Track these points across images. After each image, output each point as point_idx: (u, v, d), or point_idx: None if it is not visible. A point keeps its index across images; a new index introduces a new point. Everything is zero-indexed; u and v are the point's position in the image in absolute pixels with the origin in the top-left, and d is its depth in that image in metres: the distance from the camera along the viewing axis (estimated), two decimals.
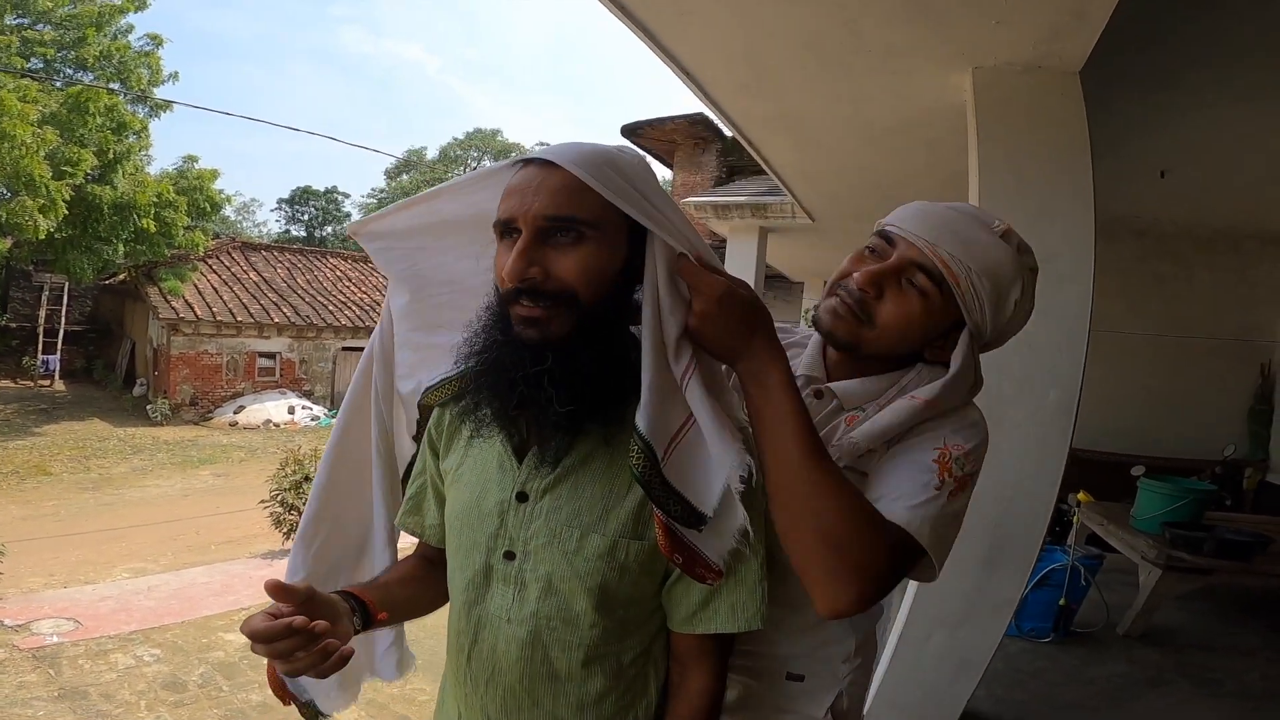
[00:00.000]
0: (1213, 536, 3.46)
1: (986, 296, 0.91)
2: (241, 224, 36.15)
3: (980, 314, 0.91)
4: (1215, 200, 4.49)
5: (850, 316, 0.94)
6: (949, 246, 0.90)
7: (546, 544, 0.84)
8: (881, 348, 0.95)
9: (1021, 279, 0.92)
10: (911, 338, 0.94)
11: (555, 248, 0.79)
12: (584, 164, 0.78)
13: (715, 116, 3.11)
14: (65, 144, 12.22)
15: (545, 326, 0.79)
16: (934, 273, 0.90)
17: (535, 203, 0.78)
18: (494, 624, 0.87)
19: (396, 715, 3.87)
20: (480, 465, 0.91)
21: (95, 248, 13.49)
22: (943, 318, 0.92)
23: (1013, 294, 0.92)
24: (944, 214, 0.94)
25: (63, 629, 4.82)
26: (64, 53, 14.03)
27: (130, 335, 17.10)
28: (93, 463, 11.47)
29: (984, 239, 0.91)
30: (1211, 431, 5.11)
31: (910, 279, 0.92)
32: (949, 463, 0.87)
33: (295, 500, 7.01)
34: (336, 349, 16.85)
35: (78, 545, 7.63)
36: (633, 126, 12.45)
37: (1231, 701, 3.08)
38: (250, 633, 0.76)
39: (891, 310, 0.92)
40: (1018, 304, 0.93)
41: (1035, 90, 2.12)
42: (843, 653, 1.09)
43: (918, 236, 0.92)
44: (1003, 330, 0.96)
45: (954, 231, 0.91)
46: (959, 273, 0.90)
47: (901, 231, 0.94)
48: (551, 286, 0.78)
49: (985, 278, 0.90)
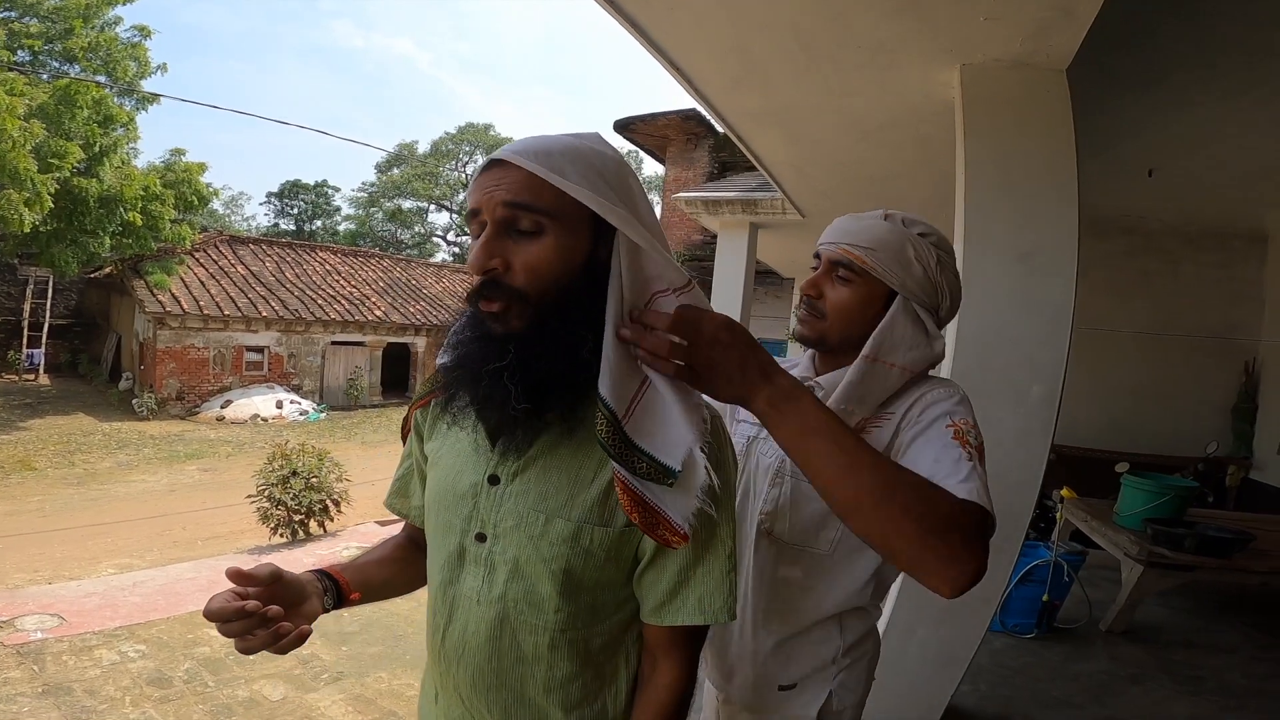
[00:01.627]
0: (1194, 533, 3.48)
1: (891, 262, 1.13)
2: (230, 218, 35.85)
3: (896, 277, 1.13)
4: (1202, 198, 4.53)
5: (809, 318, 1.19)
6: (848, 241, 1.15)
7: (514, 527, 0.86)
8: (838, 331, 1.17)
9: (908, 240, 1.14)
10: (856, 317, 1.15)
11: (517, 240, 0.80)
12: (550, 156, 0.80)
13: (705, 111, 3.11)
14: (52, 137, 12.07)
15: (505, 321, 0.81)
16: (848, 264, 1.15)
17: (498, 191, 0.80)
18: (466, 604, 0.89)
19: (384, 710, 3.86)
20: (457, 449, 0.93)
21: (81, 241, 13.34)
22: (873, 294, 1.14)
23: (908, 252, 1.13)
24: (843, 221, 1.20)
25: (47, 625, 4.77)
26: (51, 45, 13.86)
27: (116, 329, 16.94)
28: (78, 458, 11.37)
29: (868, 224, 1.16)
30: (1195, 428, 5.16)
31: (836, 275, 1.17)
32: (965, 436, 1.00)
33: (282, 495, 6.97)
34: (325, 343, 16.76)
35: (63, 541, 7.56)
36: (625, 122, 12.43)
37: (1212, 698, 3.11)
38: (207, 612, 0.80)
39: (832, 300, 1.17)
40: (917, 259, 1.13)
41: (1022, 87, 2.13)
42: (830, 654, 1.20)
43: (830, 244, 1.18)
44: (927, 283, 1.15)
45: (848, 230, 1.17)
46: (862, 255, 1.13)
47: (822, 246, 1.20)
48: (508, 280, 0.80)
49: (879, 250, 1.13)
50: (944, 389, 1.10)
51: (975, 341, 2.09)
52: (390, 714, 3.81)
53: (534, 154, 0.80)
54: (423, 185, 31.57)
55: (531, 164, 0.79)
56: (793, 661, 1.21)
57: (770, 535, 1.20)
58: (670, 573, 0.86)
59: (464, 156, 32.73)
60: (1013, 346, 2.06)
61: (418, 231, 33.98)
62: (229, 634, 0.80)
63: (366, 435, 14.64)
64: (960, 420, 1.02)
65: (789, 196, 4.76)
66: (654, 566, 0.87)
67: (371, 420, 16.11)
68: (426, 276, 21.42)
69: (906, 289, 1.13)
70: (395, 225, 33.41)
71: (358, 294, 18.20)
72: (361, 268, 19.97)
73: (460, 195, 32.67)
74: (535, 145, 0.81)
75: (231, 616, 0.78)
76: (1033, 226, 2.06)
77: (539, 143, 0.82)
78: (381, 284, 19.42)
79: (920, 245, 1.14)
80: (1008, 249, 2.07)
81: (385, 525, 7.50)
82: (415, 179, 31.67)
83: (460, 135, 32.62)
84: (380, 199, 32.99)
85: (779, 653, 1.21)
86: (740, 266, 5.70)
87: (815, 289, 1.18)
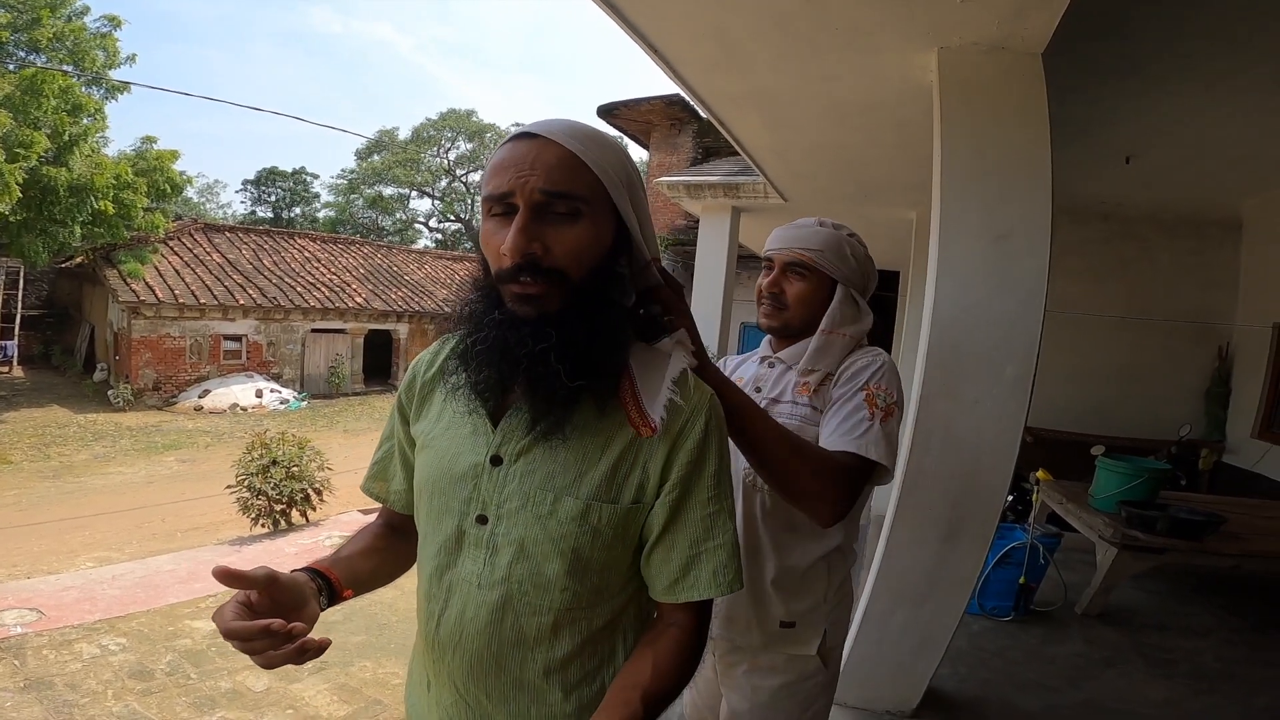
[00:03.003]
0: (1166, 515, 3.51)
1: (833, 259, 1.42)
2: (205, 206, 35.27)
3: (838, 271, 1.42)
4: (1179, 185, 4.58)
5: (775, 310, 1.46)
6: (799, 245, 1.43)
7: (520, 507, 0.85)
8: (799, 317, 1.44)
9: (844, 241, 1.43)
10: (812, 304, 1.43)
11: (552, 224, 0.80)
12: (579, 140, 0.82)
13: (686, 94, 3.08)
14: (18, 126, 11.82)
15: (541, 303, 0.81)
16: (800, 264, 1.43)
17: (532, 177, 0.79)
18: (465, 589, 0.87)
19: (369, 699, 3.85)
20: (453, 430, 0.91)
21: (51, 230, 13.07)
22: (819, 284, 1.42)
23: (844, 250, 1.42)
24: (789, 229, 1.46)
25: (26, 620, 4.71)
26: (17, 35, 13.52)
27: (89, 319, 16.64)
28: (53, 450, 11.18)
29: (811, 230, 1.43)
30: (1169, 412, 5.24)
31: (792, 273, 1.44)
32: (874, 399, 1.28)
33: (263, 485, 6.90)
34: (305, 330, 16.57)
35: (40, 535, 7.45)
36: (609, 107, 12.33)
37: (1185, 682, 3.16)
38: (225, 630, 0.77)
39: (792, 293, 1.44)
40: (853, 255, 1.43)
41: (998, 71, 2.13)
42: (822, 592, 1.41)
43: (781, 249, 1.45)
44: (859, 272, 1.45)
45: (796, 237, 1.44)
46: (812, 256, 1.41)
47: (773, 251, 1.47)
48: (549, 263, 0.80)
49: (826, 251, 1.42)
50: (869, 357, 1.37)
51: (950, 322, 2.10)
52: (375, 702, 3.81)
53: (573, 136, 0.82)
54: (404, 171, 31.18)
55: (575, 144, 0.81)
56: (791, 599, 1.40)
57: (756, 488, 1.39)
58: (681, 549, 0.86)
59: (445, 143, 32.34)
60: (987, 327, 2.07)
61: (399, 218, 33.61)
62: (249, 651, 0.77)
63: (349, 423, 14.53)
64: (874, 384, 1.30)
65: (770, 180, 4.75)
66: (662, 544, 0.87)
67: (354, 408, 15.98)
68: (409, 263, 21.22)
69: (844, 278, 1.43)
70: (376, 212, 33.00)
71: (338, 281, 17.99)
72: (341, 254, 19.73)
73: (443, 182, 32.31)
74: (571, 128, 0.83)
75: (253, 635, 0.76)
76: (1008, 209, 2.07)
77: (573, 126, 0.84)
78: (362, 270, 19.21)
79: (851, 244, 1.44)
80: (983, 231, 2.08)
81: (368, 514, 7.45)
82: (396, 165, 31.25)
83: (442, 121, 32.20)
84: (361, 186, 32.53)
85: (777, 591, 1.39)
86: (723, 250, 5.69)
87: (778, 286, 1.45)
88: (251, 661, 0.79)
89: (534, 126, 0.82)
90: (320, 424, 13.99)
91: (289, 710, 3.68)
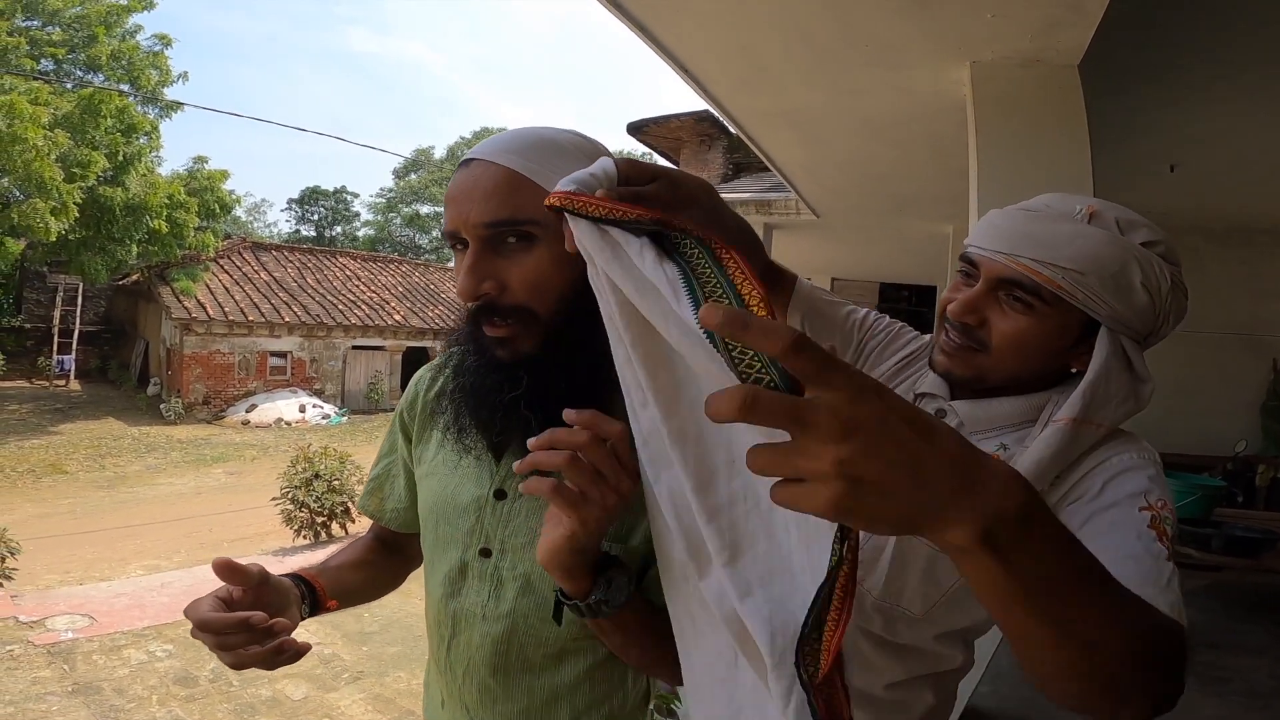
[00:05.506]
0: (1221, 533, 3.42)
1: (1101, 288, 0.80)
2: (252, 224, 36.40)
3: (1108, 306, 0.81)
4: (1227, 194, 4.45)
5: (962, 350, 0.87)
6: (1029, 253, 0.82)
7: (527, 543, 0.81)
8: (1005, 371, 0.86)
9: (1134, 258, 0.81)
10: (1032, 354, 0.85)
11: (506, 256, 0.72)
12: (522, 154, 0.72)
13: (715, 112, 3.11)
14: (77, 146, 12.35)
15: (513, 346, 0.75)
16: (1026, 284, 0.82)
17: (473, 210, 0.71)
18: (469, 619, 0.86)
19: (402, 709, 3.90)
20: (452, 460, 0.89)
21: (108, 249, 13.64)
22: (1062, 323, 0.83)
23: (1131, 276, 0.80)
24: (1016, 219, 0.86)
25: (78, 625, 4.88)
26: (74, 54, 14.17)
27: (144, 335, 17.28)
28: (108, 461, 11.61)
29: (1065, 231, 0.82)
30: (1223, 427, 5.06)
31: (1007, 294, 0.84)
32: (1162, 524, 0.74)
33: (305, 498, 7.08)
34: (346, 347, 16.97)
35: (93, 542, 7.73)
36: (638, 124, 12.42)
37: (1238, 700, 3.05)
38: (199, 621, 0.72)
39: (1000, 330, 0.85)
40: (1145, 284, 0.81)
41: (1034, 83, 2.11)
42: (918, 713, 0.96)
43: (995, 252, 0.85)
44: (1150, 314, 0.84)
45: (1028, 235, 0.83)
46: (1052, 275, 0.80)
47: (979, 250, 0.87)
48: (508, 300, 0.73)
49: (1086, 271, 0.80)
50: (1134, 452, 0.82)
51: None
52: (409, 713, 3.85)
53: (515, 151, 0.72)
54: (439, 190, 31.85)
55: (516, 161, 0.71)
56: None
57: None
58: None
59: None
60: None
61: (435, 236, 34.27)
62: (221, 647, 0.72)
63: None
64: (1156, 501, 0.75)
65: (802, 196, 4.74)
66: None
67: None
68: (444, 281, 21.59)
69: (1118, 319, 0.82)
70: (413, 230, 33.75)
71: (377, 299, 18.40)
72: (381, 272, 20.19)
73: None
74: (514, 141, 0.74)
75: (230, 629, 0.71)
76: None
77: (517, 138, 0.75)
78: (400, 289, 19.62)
79: (1149, 265, 0.82)
80: None
81: None
82: (432, 184, 31.96)
83: (476, 139, 32.83)
84: (398, 204, 33.33)
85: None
86: None
87: (975, 313, 0.86)
88: (290, 671, 0.76)
89: (475, 149, 0.74)
90: (360, 438, 14.27)
91: (325, 719, 3.75)
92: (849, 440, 0.37)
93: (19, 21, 13.70)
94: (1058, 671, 0.51)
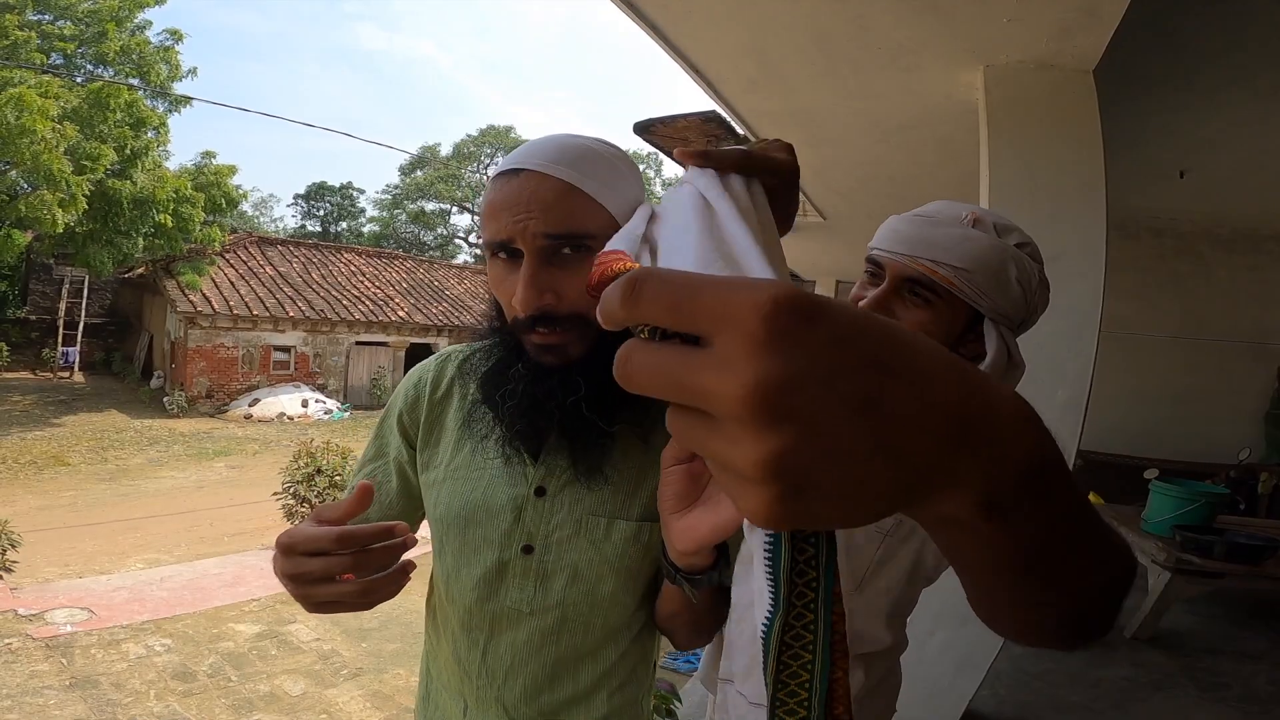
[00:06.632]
0: (1223, 540, 3.42)
1: (984, 284, 0.93)
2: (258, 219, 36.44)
3: (990, 300, 0.93)
4: (1235, 200, 4.44)
5: None
6: (927, 255, 0.94)
7: (573, 534, 0.84)
8: None
9: (1010, 258, 0.94)
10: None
11: (560, 266, 0.74)
12: (573, 166, 0.74)
13: (724, 112, 3.10)
14: (86, 139, 12.38)
15: (564, 351, 0.77)
16: (925, 281, 0.94)
17: (531, 220, 0.73)
18: (513, 617, 0.87)
19: (400, 706, 3.90)
20: (480, 462, 0.89)
21: (115, 242, 13.64)
22: (955, 316, 0.95)
23: (1009, 273, 0.93)
24: (914, 224, 0.98)
25: (77, 619, 4.88)
26: (84, 49, 14.19)
27: (148, 328, 17.30)
28: (110, 454, 11.62)
29: (955, 235, 0.94)
30: (1226, 435, 5.04)
31: (910, 292, 0.95)
32: None
33: (307, 493, 7.08)
34: (350, 343, 16.97)
35: (93, 535, 7.73)
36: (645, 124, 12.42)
37: (1237, 706, 3.05)
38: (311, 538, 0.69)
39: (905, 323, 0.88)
40: (1019, 280, 0.94)
41: (1048, 88, 2.10)
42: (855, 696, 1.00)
43: (898, 254, 0.96)
44: (1023, 306, 0.97)
45: (925, 239, 0.95)
46: (947, 274, 0.93)
47: (884, 253, 0.98)
48: (566, 309, 0.75)
49: (975, 271, 0.92)
50: None
51: None
52: (407, 710, 3.85)
53: (566, 163, 0.74)
54: (445, 187, 31.85)
55: (570, 173, 0.73)
56: None
57: None
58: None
59: (485, 159, 32.94)
60: (1038, 351, 2.03)
61: (440, 233, 34.30)
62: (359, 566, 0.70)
63: None
64: None
65: (809, 198, 4.74)
66: None
67: None
68: (449, 278, 21.61)
69: (998, 311, 0.95)
70: (418, 227, 33.74)
71: (382, 295, 18.41)
72: (385, 269, 20.20)
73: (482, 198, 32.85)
74: (562, 152, 0.75)
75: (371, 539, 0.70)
76: (1059, 229, 2.03)
77: (563, 149, 0.75)
78: (405, 285, 19.63)
79: (1022, 263, 0.95)
80: None
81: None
82: (438, 181, 31.93)
83: (481, 138, 32.84)
84: (404, 201, 33.32)
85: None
86: None
87: (884, 310, 0.94)
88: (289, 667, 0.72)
89: (522, 160, 0.75)
90: (362, 434, 14.28)
91: (323, 715, 3.75)
92: (776, 430, 0.25)
93: (30, 15, 13.71)
94: (1023, 615, 0.43)
